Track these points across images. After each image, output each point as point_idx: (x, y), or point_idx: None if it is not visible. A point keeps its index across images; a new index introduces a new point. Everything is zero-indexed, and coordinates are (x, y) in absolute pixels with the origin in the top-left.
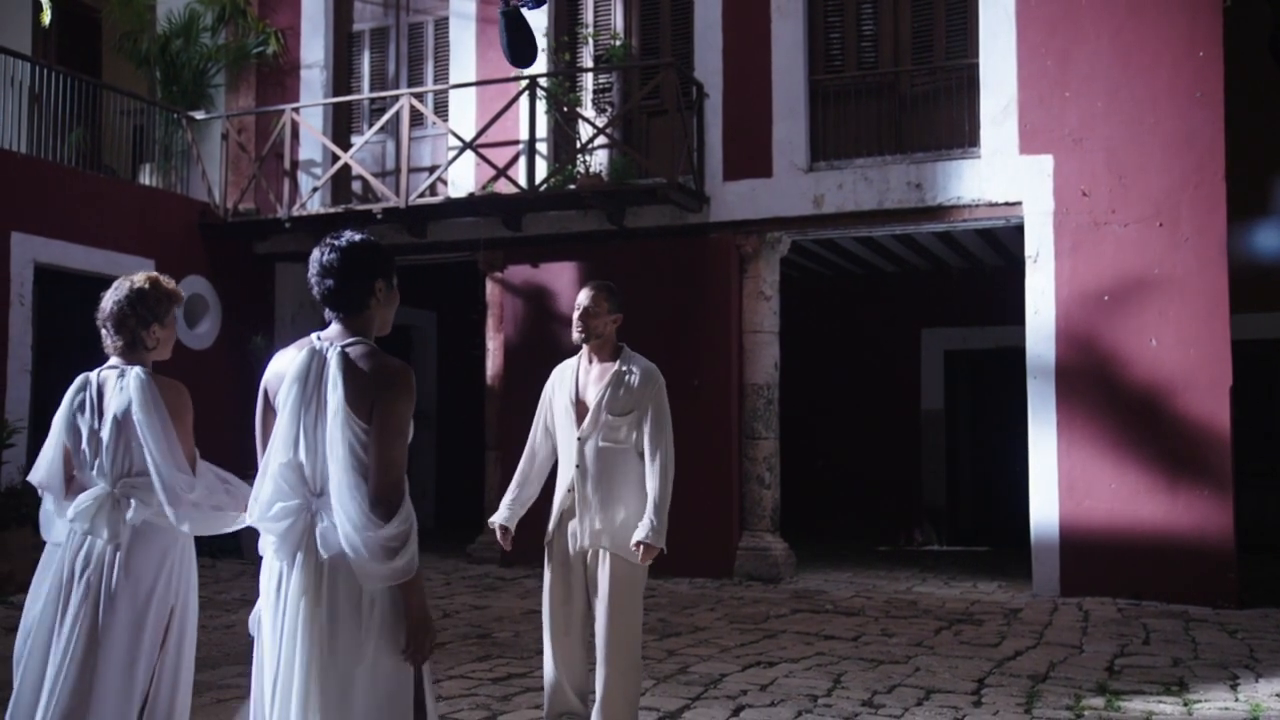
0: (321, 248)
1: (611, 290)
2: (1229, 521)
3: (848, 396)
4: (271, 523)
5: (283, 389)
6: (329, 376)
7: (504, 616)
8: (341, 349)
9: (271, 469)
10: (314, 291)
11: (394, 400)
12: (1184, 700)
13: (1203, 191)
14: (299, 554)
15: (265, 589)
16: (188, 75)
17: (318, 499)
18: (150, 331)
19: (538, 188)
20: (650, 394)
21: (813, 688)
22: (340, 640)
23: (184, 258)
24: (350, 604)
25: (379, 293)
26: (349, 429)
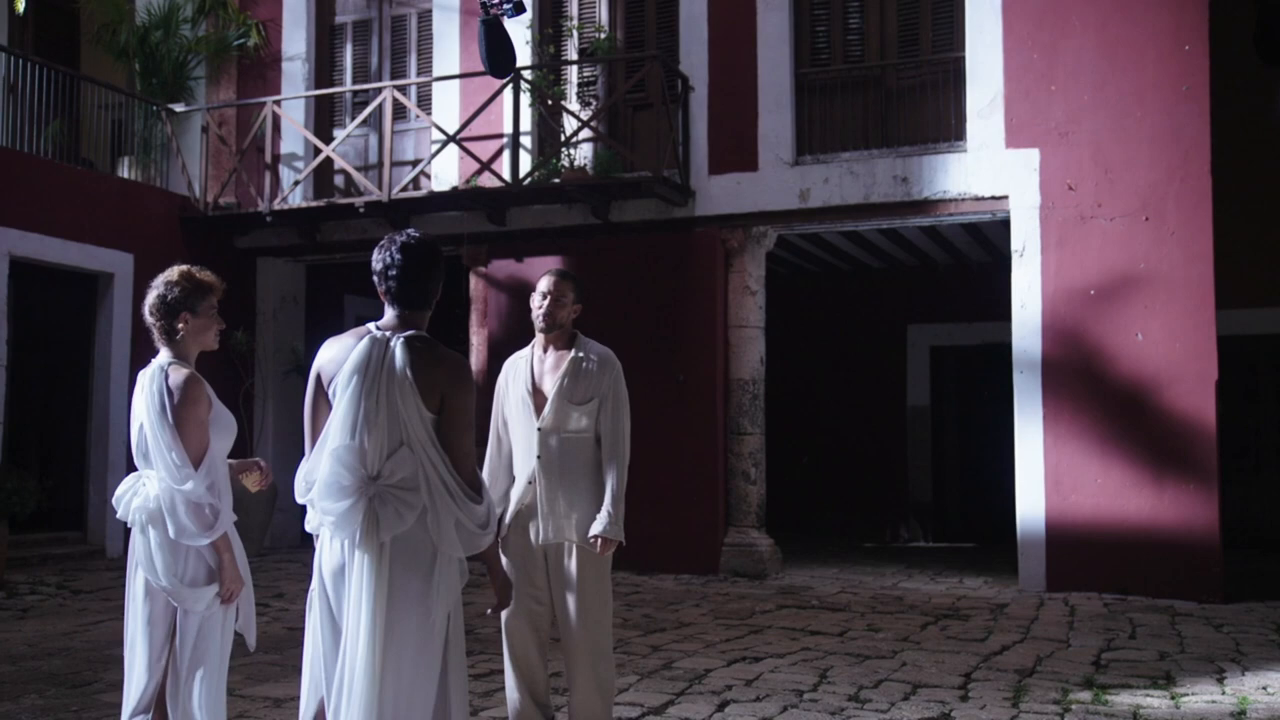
0: (388, 244)
1: (575, 279)
2: (1214, 516)
3: (833, 392)
4: (330, 503)
5: (342, 375)
6: (398, 365)
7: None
8: (404, 339)
9: (330, 451)
10: (386, 284)
11: (463, 393)
12: (1171, 694)
13: (1189, 186)
14: (358, 533)
15: (324, 565)
16: (167, 67)
17: (375, 482)
18: (182, 320)
19: (521, 181)
20: (609, 380)
21: (798, 683)
22: (407, 608)
23: (163, 252)
24: (414, 576)
25: (438, 289)
26: (422, 416)
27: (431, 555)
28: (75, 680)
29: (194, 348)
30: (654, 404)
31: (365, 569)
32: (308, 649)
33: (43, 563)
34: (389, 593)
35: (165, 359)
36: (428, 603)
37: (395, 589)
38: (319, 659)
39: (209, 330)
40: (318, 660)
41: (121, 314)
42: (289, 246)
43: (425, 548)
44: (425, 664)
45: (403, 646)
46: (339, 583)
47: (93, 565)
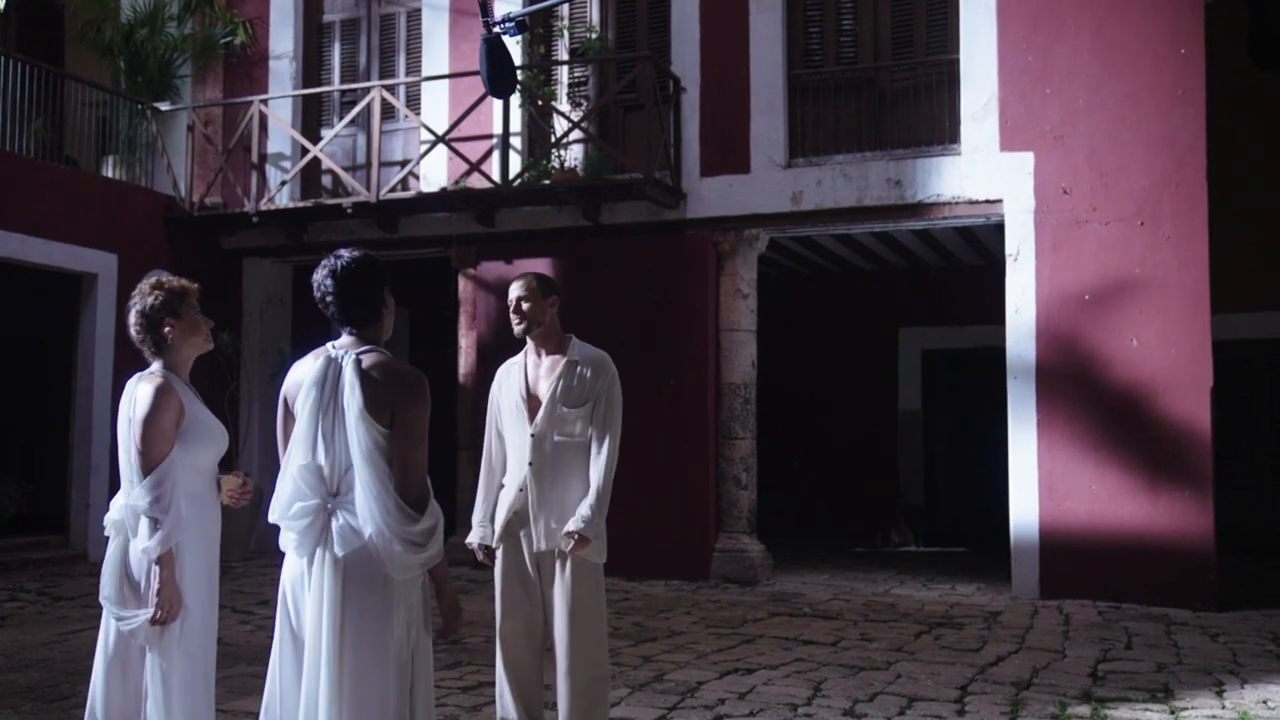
0: (328, 268)
1: (542, 277)
2: (1209, 523)
3: (824, 396)
4: (292, 521)
5: (300, 395)
6: (345, 382)
7: (475, 621)
8: (356, 356)
9: (291, 471)
10: (327, 310)
11: (413, 405)
12: (1171, 708)
13: (1184, 190)
14: (318, 550)
15: (286, 582)
16: (153, 65)
17: (334, 499)
18: (167, 326)
19: (511, 183)
20: (605, 383)
21: (792, 696)
22: (363, 626)
23: (148, 252)
24: (371, 593)
25: (386, 302)
26: (370, 432)
27: (383, 572)
28: (53, 694)
29: (187, 352)
30: (644, 408)
31: (325, 585)
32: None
33: (23, 568)
34: (347, 609)
35: (152, 368)
36: (388, 619)
37: (353, 605)
38: (280, 678)
39: (198, 331)
40: (278, 679)
41: (105, 315)
42: (276, 247)
43: (375, 564)
44: (388, 680)
45: (363, 663)
46: (300, 600)
47: (75, 570)
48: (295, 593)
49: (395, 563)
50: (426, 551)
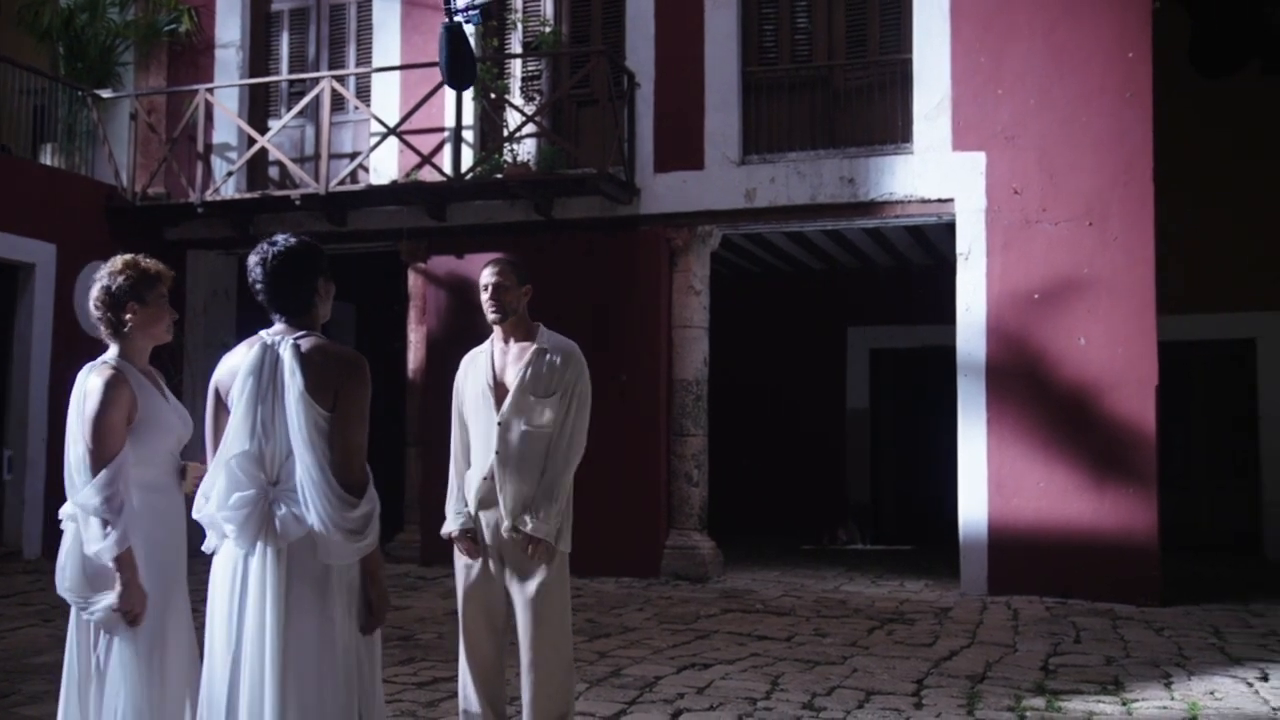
0: (260, 254)
1: (515, 262)
2: (1153, 520)
3: (773, 394)
4: (230, 512)
5: (237, 383)
6: (284, 367)
7: (426, 618)
8: (294, 340)
9: (226, 461)
10: (258, 296)
11: (355, 387)
12: (1122, 700)
13: (1132, 191)
14: (259, 541)
15: (219, 579)
16: (94, 51)
17: (274, 488)
18: (129, 311)
19: (463, 176)
20: (573, 374)
21: (751, 690)
22: (305, 618)
23: (89, 243)
24: (311, 584)
25: (320, 289)
26: (311, 416)
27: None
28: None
29: (144, 341)
30: (597, 404)
31: (268, 577)
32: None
33: None
34: (290, 600)
35: (103, 357)
36: (329, 607)
37: (296, 596)
38: (214, 677)
39: (160, 321)
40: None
41: (43, 306)
42: (221, 239)
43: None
44: (335, 668)
45: (303, 656)
46: (236, 595)
47: (7, 568)
48: (233, 587)
49: (331, 550)
50: (363, 539)
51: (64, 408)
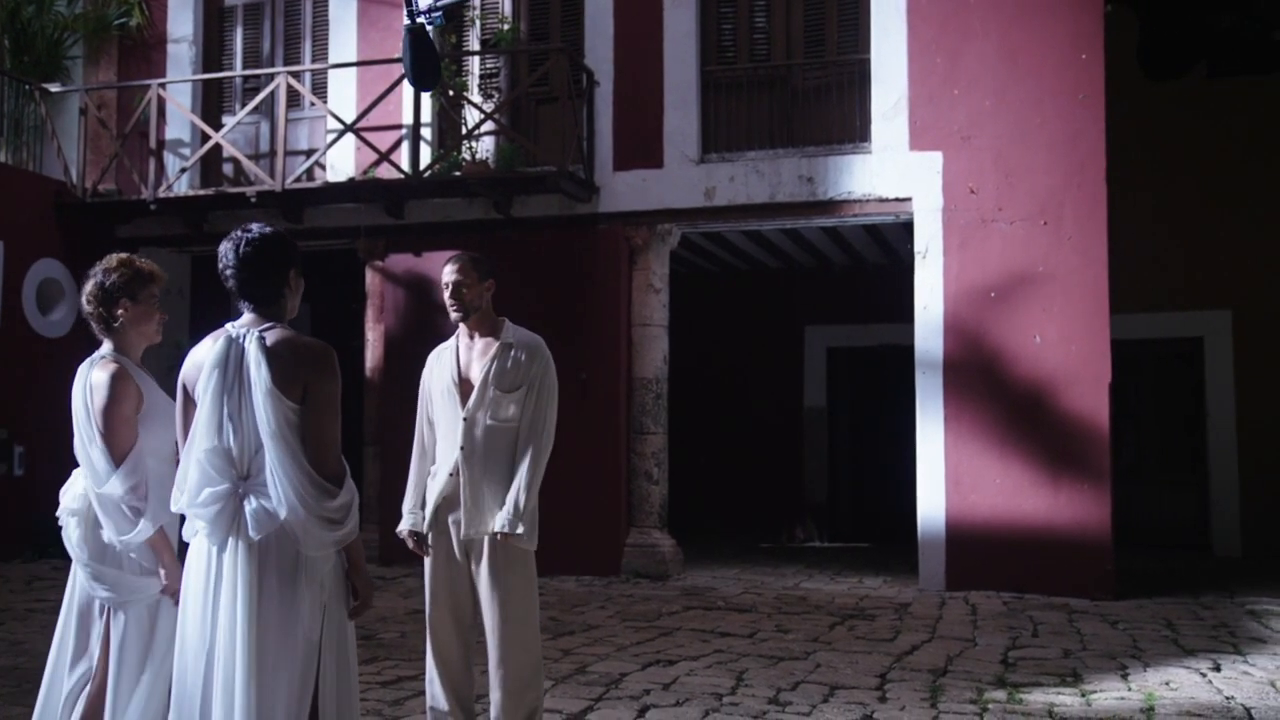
0: (234, 240)
1: (476, 258)
2: (1107, 515)
3: (730, 393)
4: (201, 508)
5: (202, 377)
6: (249, 360)
7: (388, 617)
8: (259, 334)
9: (196, 456)
10: (228, 283)
11: (324, 379)
12: (1081, 691)
13: (1085, 191)
14: (230, 536)
15: (192, 572)
16: (41, 44)
17: (245, 482)
18: (121, 308)
19: (421, 174)
20: (539, 368)
21: (716, 686)
22: (278, 610)
23: (37, 240)
24: (285, 576)
25: (291, 281)
26: (280, 409)
27: (294, 554)
28: None
29: (136, 339)
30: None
31: (239, 571)
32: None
33: None
34: (263, 594)
35: (101, 352)
36: (296, 599)
37: (268, 589)
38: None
39: (150, 320)
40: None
41: None
42: (174, 236)
43: (288, 546)
44: (291, 667)
45: (269, 646)
46: (210, 588)
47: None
48: (206, 580)
49: (310, 540)
50: (343, 528)
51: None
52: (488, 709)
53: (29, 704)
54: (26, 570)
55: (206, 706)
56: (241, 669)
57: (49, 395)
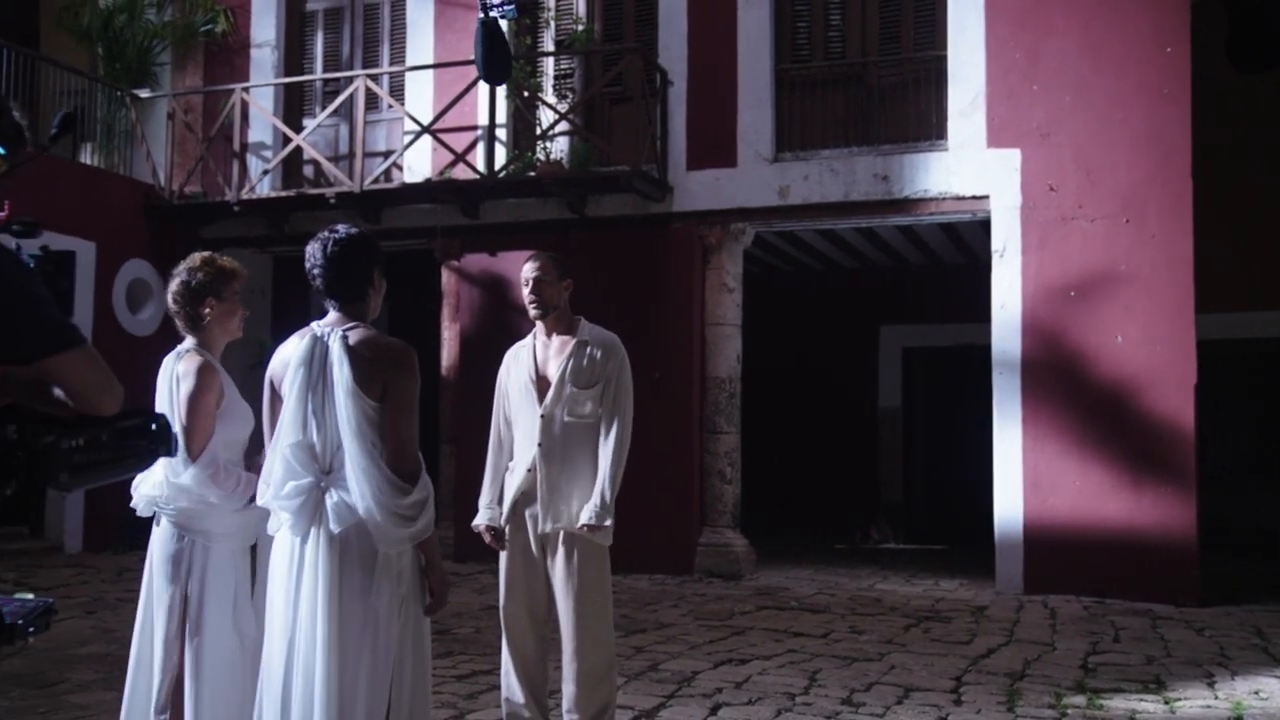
0: (321, 241)
1: (555, 257)
2: (1192, 519)
3: (804, 392)
4: (285, 500)
5: (288, 374)
6: (333, 359)
7: (462, 613)
8: (342, 333)
9: (281, 450)
10: (315, 282)
11: (403, 379)
12: (1164, 698)
13: (1170, 188)
14: (313, 528)
15: (276, 564)
16: (132, 52)
17: (327, 476)
18: (207, 306)
19: (497, 174)
20: (615, 366)
21: (789, 685)
22: (357, 601)
23: (127, 241)
24: (364, 569)
25: (375, 281)
26: (360, 407)
27: (373, 548)
28: (40, 681)
29: (219, 335)
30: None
31: (320, 563)
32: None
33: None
34: (343, 585)
35: (185, 345)
36: (372, 597)
37: (348, 581)
38: (271, 659)
39: (234, 316)
40: (271, 659)
41: (83, 303)
42: (256, 237)
43: (367, 540)
44: (369, 658)
45: (346, 641)
46: (293, 580)
47: (49, 562)
48: (289, 571)
49: (385, 536)
50: (416, 525)
51: None
52: (560, 703)
53: (120, 690)
54: (116, 562)
55: (288, 693)
56: (321, 658)
57: (138, 392)
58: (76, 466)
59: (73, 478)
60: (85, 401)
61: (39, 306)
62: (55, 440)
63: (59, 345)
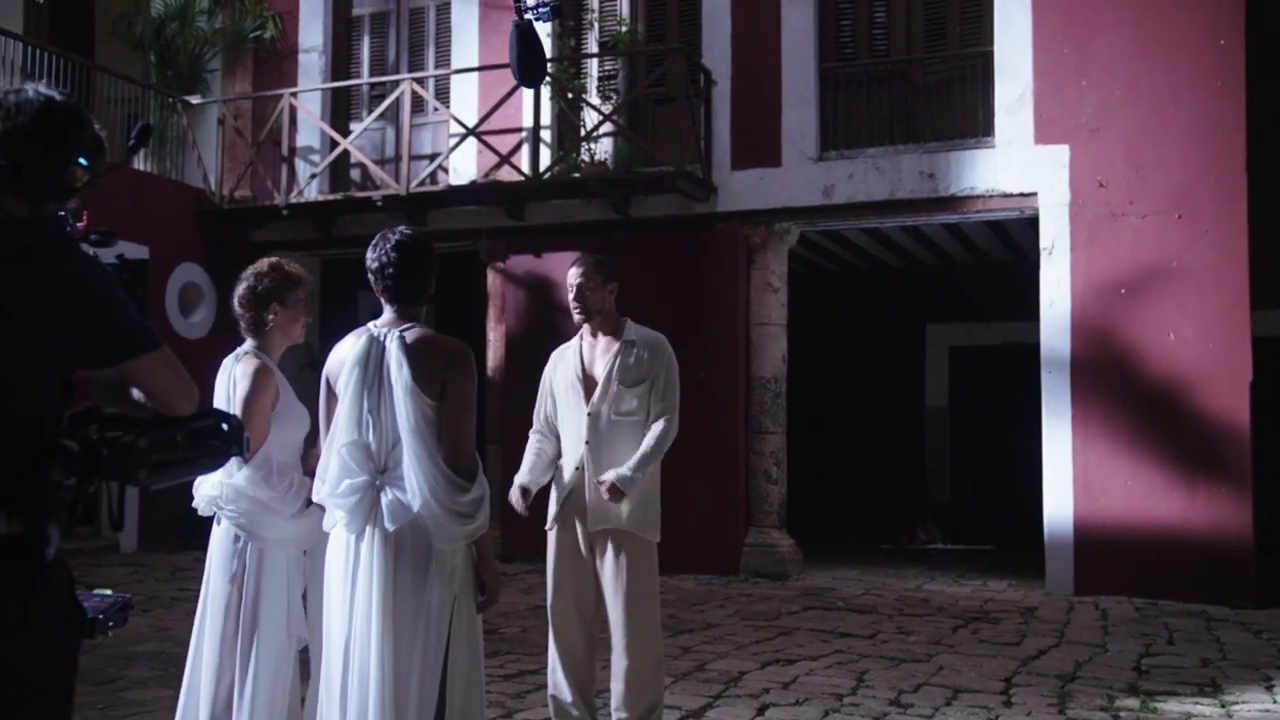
0: (382, 243)
1: (600, 261)
2: (1248, 520)
3: (850, 392)
4: (341, 499)
5: (344, 373)
6: (390, 359)
7: (509, 612)
8: (399, 333)
9: (337, 449)
10: (375, 281)
11: (462, 378)
12: (1220, 701)
13: (1223, 183)
14: (368, 526)
15: (333, 561)
16: (183, 59)
17: (383, 475)
18: (271, 312)
19: (541, 176)
20: (662, 364)
21: (836, 686)
22: (411, 598)
23: (179, 245)
24: (418, 567)
25: (431, 282)
26: (419, 406)
27: (427, 546)
28: (98, 678)
29: (280, 340)
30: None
31: (374, 560)
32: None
33: None
34: (397, 582)
35: (245, 347)
36: (426, 595)
37: (402, 578)
38: (328, 654)
39: (296, 322)
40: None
41: None
42: (304, 240)
43: (421, 538)
44: (422, 655)
45: (400, 637)
46: (349, 576)
47: (106, 561)
48: (345, 568)
49: (442, 533)
50: (474, 523)
51: None
52: (608, 702)
53: (175, 687)
54: (170, 561)
55: (345, 689)
56: (375, 654)
57: None
58: (154, 465)
59: (151, 476)
60: (162, 403)
61: (122, 311)
62: (134, 439)
63: (140, 348)
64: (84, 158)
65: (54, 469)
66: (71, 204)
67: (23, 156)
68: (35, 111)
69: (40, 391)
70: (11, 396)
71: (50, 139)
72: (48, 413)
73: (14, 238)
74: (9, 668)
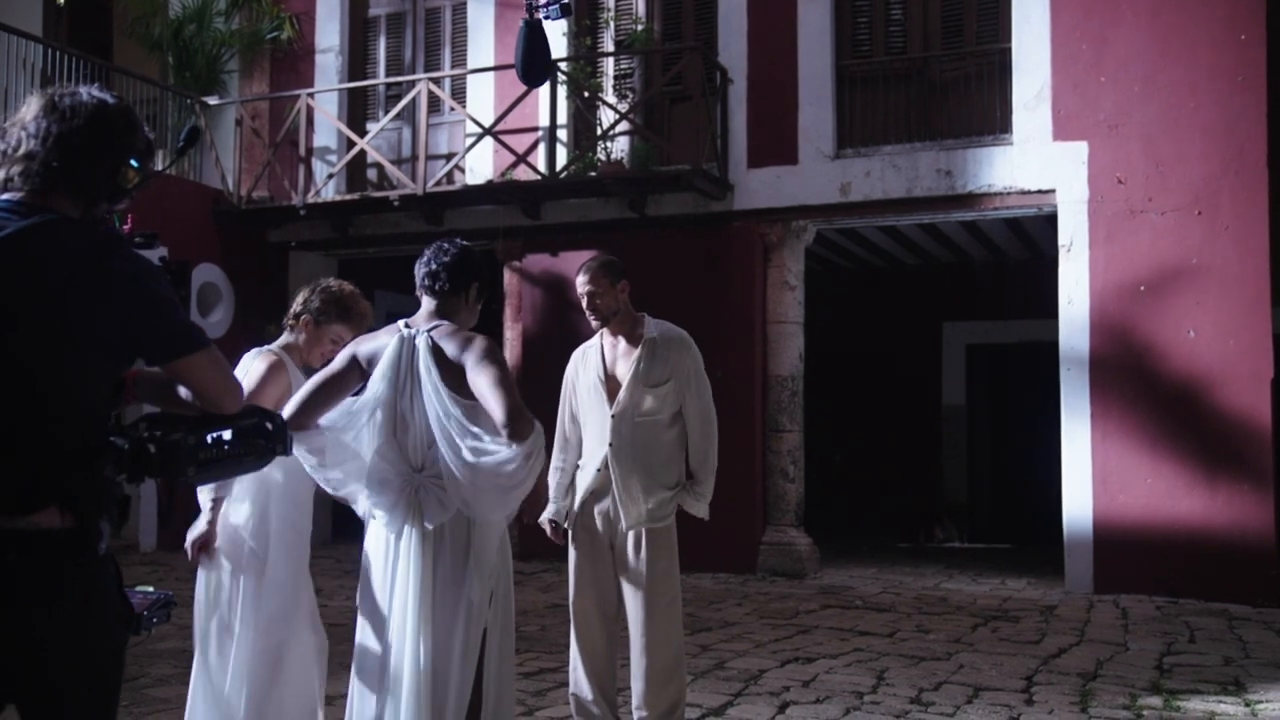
0: (435, 250)
1: (606, 263)
2: (1270, 518)
3: (867, 390)
4: (377, 498)
5: (375, 373)
6: (420, 361)
7: (528, 610)
8: (427, 333)
9: (374, 450)
10: (434, 281)
11: (481, 353)
12: (1244, 700)
13: (1244, 179)
14: (406, 525)
15: (372, 560)
16: (201, 60)
17: (419, 474)
18: (304, 327)
19: (558, 175)
20: (687, 361)
21: (856, 684)
22: (449, 594)
23: (197, 245)
24: (456, 563)
25: (472, 290)
26: (452, 406)
27: (465, 543)
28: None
29: (305, 351)
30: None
31: (412, 557)
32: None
33: None
34: (437, 579)
35: (270, 344)
36: (464, 590)
37: (440, 575)
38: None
39: (317, 346)
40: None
41: None
42: (321, 240)
43: (460, 536)
44: (460, 649)
45: (439, 632)
46: (388, 573)
47: (126, 559)
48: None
49: (491, 508)
50: (524, 486)
51: None
52: (629, 700)
53: None
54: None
55: (384, 681)
56: (411, 648)
57: None
58: (202, 462)
59: (199, 473)
60: (210, 401)
61: (173, 311)
62: (183, 437)
63: (189, 347)
64: (135, 160)
65: (105, 466)
66: (121, 205)
67: (77, 158)
68: (89, 114)
69: (92, 389)
70: (65, 394)
71: (103, 141)
72: (99, 410)
73: (68, 238)
74: (62, 660)
